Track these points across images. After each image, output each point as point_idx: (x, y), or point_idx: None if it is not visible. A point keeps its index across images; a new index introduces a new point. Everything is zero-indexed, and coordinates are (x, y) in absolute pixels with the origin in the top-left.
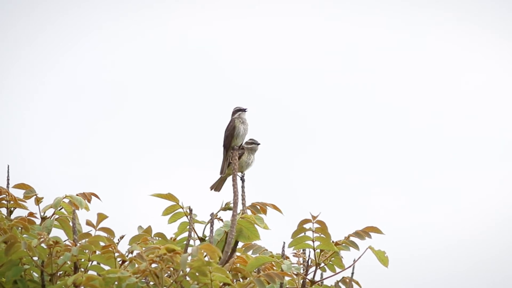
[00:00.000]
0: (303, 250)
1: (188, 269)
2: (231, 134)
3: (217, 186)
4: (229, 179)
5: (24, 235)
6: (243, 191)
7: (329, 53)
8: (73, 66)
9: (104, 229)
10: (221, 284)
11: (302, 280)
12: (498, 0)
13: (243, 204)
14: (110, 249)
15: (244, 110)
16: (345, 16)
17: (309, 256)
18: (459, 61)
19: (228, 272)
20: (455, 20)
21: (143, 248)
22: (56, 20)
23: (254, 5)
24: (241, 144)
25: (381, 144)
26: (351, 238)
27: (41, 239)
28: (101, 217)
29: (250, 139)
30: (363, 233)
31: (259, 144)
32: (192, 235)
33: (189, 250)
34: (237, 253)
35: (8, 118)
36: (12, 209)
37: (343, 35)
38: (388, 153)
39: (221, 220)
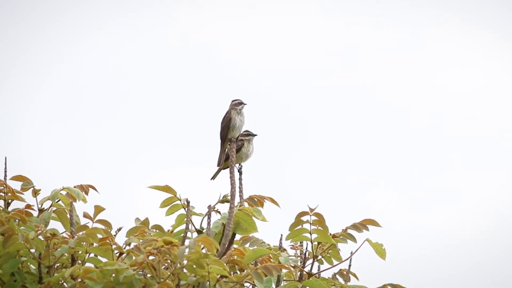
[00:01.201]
0: (300, 243)
1: (185, 262)
2: (227, 126)
3: (213, 176)
4: (227, 171)
5: (22, 227)
6: (240, 184)
7: (329, 53)
8: (74, 65)
9: (101, 221)
10: (218, 276)
11: (299, 273)
12: (498, 0)
13: (241, 196)
14: (107, 241)
15: (244, 104)
16: (345, 16)
17: (306, 248)
18: (459, 61)
19: (225, 264)
20: (455, 20)
21: (141, 241)
22: (57, 19)
23: (254, 5)
24: (238, 136)
25: (381, 144)
26: (349, 231)
27: (39, 231)
28: (98, 209)
29: (246, 131)
30: (361, 226)
31: (255, 135)
32: (190, 227)
33: (187, 242)
34: (235, 246)
35: (9, 114)
36: (9, 201)
37: (343, 35)
38: (388, 153)
39: (219, 212)
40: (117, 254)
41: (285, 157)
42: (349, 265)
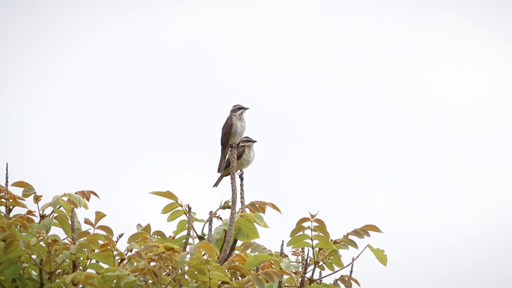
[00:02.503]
0: (301, 249)
1: (186, 268)
2: (228, 132)
3: (216, 183)
4: (229, 178)
5: (23, 233)
6: (241, 190)
7: (329, 53)
8: (74, 69)
9: (102, 227)
10: (219, 282)
11: (300, 279)
12: (498, 0)
13: (242, 202)
14: (108, 247)
15: (245, 109)
16: (345, 16)
17: (307, 254)
18: (459, 61)
19: (226, 270)
20: (455, 20)
21: (142, 247)
22: (56, 20)
23: (254, 5)
24: (239, 142)
25: (381, 144)
26: (350, 237)
27: (40, 238)
28: (100, 215)
29: (245, 137)
30: (362, 232)
31: (255, 141)
32: (191, 233)
33: (188, 248)
34: (236, 252)
35: (9, 117)
36: (11, 207)
37: (343, 35)
38: (388, 153)
39: (220, 218)
40: (119, 260)
41: (286, 161)
42: (351, 271)
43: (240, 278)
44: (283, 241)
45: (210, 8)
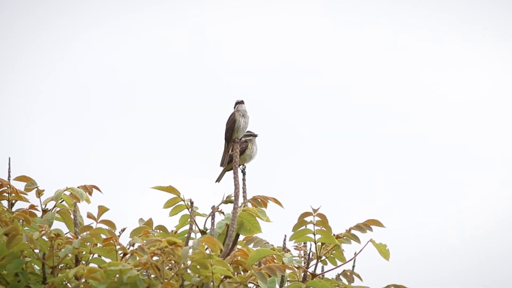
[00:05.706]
0: (304, 243)
1: (189, 262)
2: (231, 127)
3: (218, 178)
4: (231, 172)
5: (26, 228)
6: (244, 184)
7: (329, 53)
8: (79, 65)
9: (105, 222)
10: (222, 277)
11: (303, 273)
12: (498, 0)
13: (244, 197)
14: (111, 241)
15: (239, 103)
16: (345, 16)
17: (310, 249)
18: (458, 62)
19: (229, 265)
20: (455, 20)
21: (144, 241)
22: (59, 19)
23: (252, 5)
24: (242, 136)
25: (382, 144)
26: (352, 231)
27: (43, 232)
28: (102, 209)
29: (248, 131)
30: (364, 226)
31: (256, 135)
32: (193, 228)
33: (190, 243)
34: (238, 246)
35: (13, 115)
36: (13, 201)
37: (341, 35)
38: (388, 153)
39: (222, 213)
40: (121, 255)
41: (288, 157)
42: (353, 266)
43: (242, 273)
44: (285, 235)
45: (212, 9)
